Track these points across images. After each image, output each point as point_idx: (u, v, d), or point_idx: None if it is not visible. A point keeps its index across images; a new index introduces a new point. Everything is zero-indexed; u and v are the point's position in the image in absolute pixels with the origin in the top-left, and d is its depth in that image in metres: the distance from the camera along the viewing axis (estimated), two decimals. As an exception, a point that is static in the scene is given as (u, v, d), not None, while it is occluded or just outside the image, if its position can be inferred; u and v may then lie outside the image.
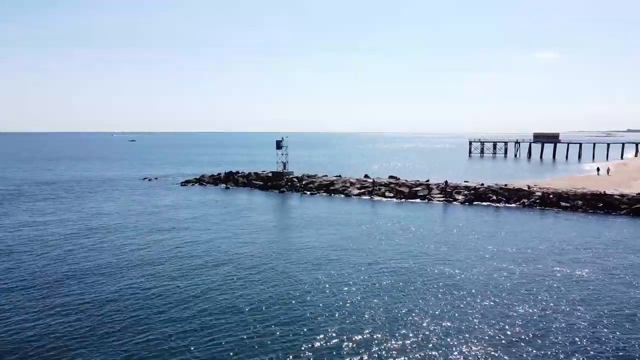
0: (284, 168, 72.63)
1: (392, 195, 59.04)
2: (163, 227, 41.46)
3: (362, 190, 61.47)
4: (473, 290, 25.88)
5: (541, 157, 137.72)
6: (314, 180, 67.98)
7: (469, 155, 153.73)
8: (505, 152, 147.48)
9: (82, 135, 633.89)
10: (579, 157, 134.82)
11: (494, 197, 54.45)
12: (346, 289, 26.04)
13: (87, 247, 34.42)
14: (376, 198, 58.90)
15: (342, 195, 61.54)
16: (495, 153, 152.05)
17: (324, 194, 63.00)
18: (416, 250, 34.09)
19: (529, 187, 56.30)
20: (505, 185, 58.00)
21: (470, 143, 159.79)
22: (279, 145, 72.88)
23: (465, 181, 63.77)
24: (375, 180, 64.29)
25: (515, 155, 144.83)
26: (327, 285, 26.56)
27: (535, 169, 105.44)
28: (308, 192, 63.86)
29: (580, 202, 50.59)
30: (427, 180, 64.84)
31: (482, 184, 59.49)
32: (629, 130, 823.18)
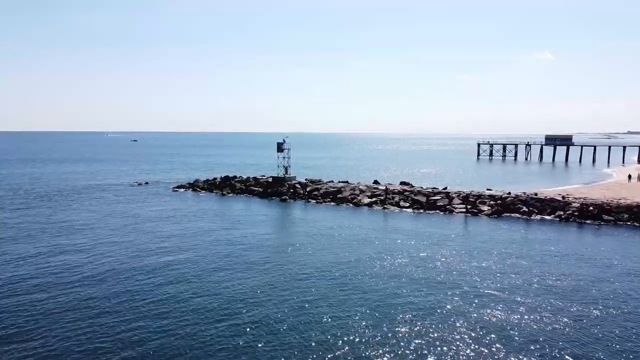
0: (286, 173, 66.20)
1: (407, 205, 52.61)
2: (140, 245, 34.97)
3: (374, 199, 54.99)
4: (513, 335, 19.51)
5: (553, 160, 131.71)
6: (319, 186, 61.53)
7: (477, 158, 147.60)
8: (515, 155, 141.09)
9: (75, 135, 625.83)
10: (593, 160, 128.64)
11: (525, 209, 48.04)
12: (355, 330, 19.66)
13: (37, 276, 27.91)
14: (390, 208, 52.46)
15: (351, 205, 55.10)
16: (504, 156, 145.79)
17: (331, 202, 56.56)
18: (442, 279, 27.62)
19: (563, 197, 49.90)
20: (536, 194, 51.62)
21: (479, 145, 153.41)
22: (280, 147, 66.41)
23: (487, 189, 57.38)
24: (387, 187, 57.87)
25: (526, 158, 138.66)
26: (333, 326, 20.18)
27: (552, 174, 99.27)
28: (313, 201, 57.37)
29: (625, 215, 44.28)
30: (445, 188, 58.43)
31: (509, 193, 53.07)
32: (629, 132, 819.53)
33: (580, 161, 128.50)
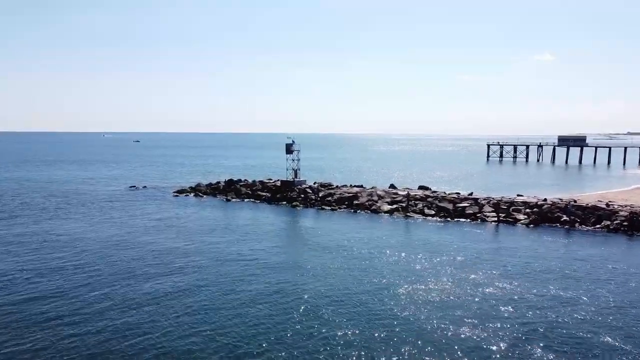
0: (295, 176, 61.19)
1: (432, 212, 47.64)
2: (135, 263, 29.99)
3: (394, 206, 50.02)
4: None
5: (566, 161, 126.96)
6: (333, 191, 56.50)
7: (487, 159, 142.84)
8: (527, 157, 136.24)
9: (73, 136, 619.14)
10: (609, 162, 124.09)
11: (566, 218, 43.13)
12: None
13: (11, 298, 22.88)
14: (413, 216, 47.52)
15: (369, 212, 50.14)
16: (515, 157, 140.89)
17: (346, 209, 51.63)
18: (499, 312, 22.67)
19: (607, 205, 45.01)
20: (575, 201, 46.70)
21: (489, 146, 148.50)
22: (289, 149, 61.38)
23: (518, 194, 52.48)
24: (409, 192, 52.84)
25: (538, 160, 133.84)
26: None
27: (574, 176, 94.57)
28: (327, 208, 52.33)
29: (683, 226, 39.38)
30: (471, 193, 53.48)
31: (545, 199, 48.16)
32: (629, 133, 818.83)
33: (594, 163, 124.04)
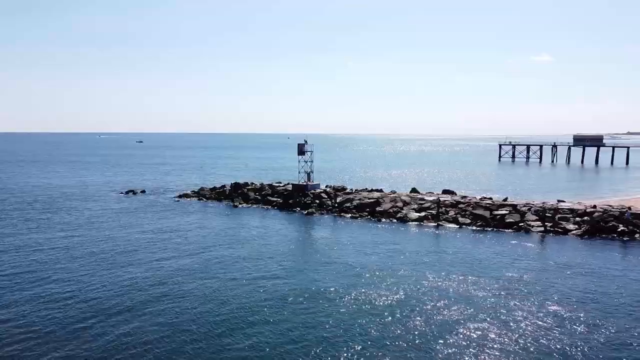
0: (309, 179, 55.83)
1: (467, 221, 42.37)
2: (130, 283, 24.59)
3: (423, 214, 44.71)
4: None
5: (582, 162, 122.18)
6: (351, 197, 51.08)
7: (499, 160, 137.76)
8: (540, 157, 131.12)
9: (70, 137, 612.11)
10: (627, 162, 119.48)
11: (623, 228, 37.90)
12: None
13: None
14: (446, 225, 42.27)
15: (394, 220, 44.84)
16: (528, 157, 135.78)
17: (367, 216, 46.34)
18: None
19: (668, 213, 39.74)
20: (629, 208, 41.42)
21: (500, 146, 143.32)
22: (301, 149, 56.06)
23: (559, 200, 47.20)
24: (439, 197, 47.45)
25: (552, 161, 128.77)
26: None
27: (594, 178, 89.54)
28: (347, 215, 47.04)
29: None
30: (506, 199, 48.15)
31: (594, 206, 42.93)
32: (629, 133, 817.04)
33: (612, 163, 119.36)
